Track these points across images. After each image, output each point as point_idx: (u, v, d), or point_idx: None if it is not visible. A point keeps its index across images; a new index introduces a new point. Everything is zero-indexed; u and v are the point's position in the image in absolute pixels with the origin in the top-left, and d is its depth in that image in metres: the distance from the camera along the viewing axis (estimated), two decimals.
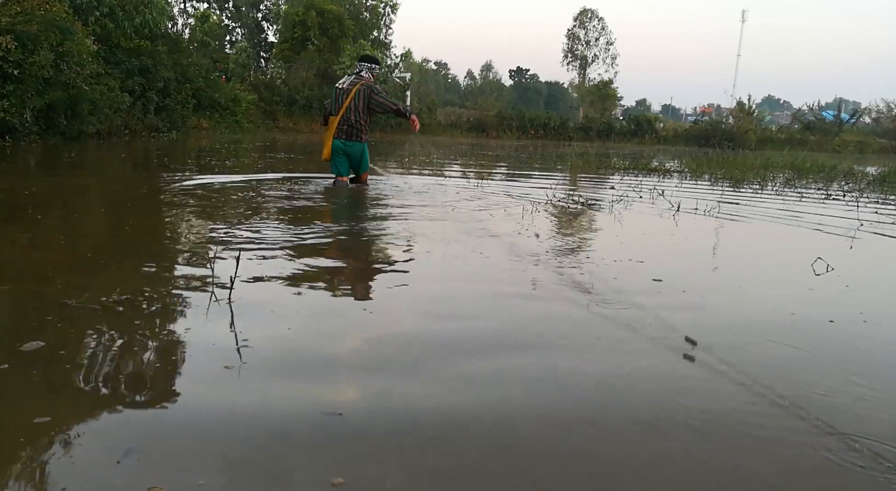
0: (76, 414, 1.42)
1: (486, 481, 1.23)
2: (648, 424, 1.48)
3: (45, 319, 1.99)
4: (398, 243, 3.54)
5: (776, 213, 5.41)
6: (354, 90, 5.85)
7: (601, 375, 1.76)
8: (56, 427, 1.36)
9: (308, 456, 1.29)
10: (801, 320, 2.35)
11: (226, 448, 1.31)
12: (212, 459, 1.27)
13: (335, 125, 5.93)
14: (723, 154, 11.94)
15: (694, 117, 44.71)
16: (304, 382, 1.65)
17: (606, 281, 2.76)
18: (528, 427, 1.45)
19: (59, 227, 3.75)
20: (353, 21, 28.21)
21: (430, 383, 1.66)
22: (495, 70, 63.39)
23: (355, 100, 5.84)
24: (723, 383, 1.72)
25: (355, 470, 1.24)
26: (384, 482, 1.21)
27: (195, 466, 1.24)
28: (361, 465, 1.26)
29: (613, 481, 1.26)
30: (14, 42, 9.22)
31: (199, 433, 1.37)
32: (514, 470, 1.27)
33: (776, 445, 1.41)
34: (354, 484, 1.20)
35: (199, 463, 1.25)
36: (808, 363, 1.93)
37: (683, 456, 1.35)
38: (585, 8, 41.53)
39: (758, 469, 1.31)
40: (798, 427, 1.49)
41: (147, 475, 1.20)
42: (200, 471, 1.22)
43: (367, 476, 1.23)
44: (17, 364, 1.64)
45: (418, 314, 2.29)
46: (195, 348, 1.83)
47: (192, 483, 1.18)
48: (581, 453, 1.35)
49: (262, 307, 2.22)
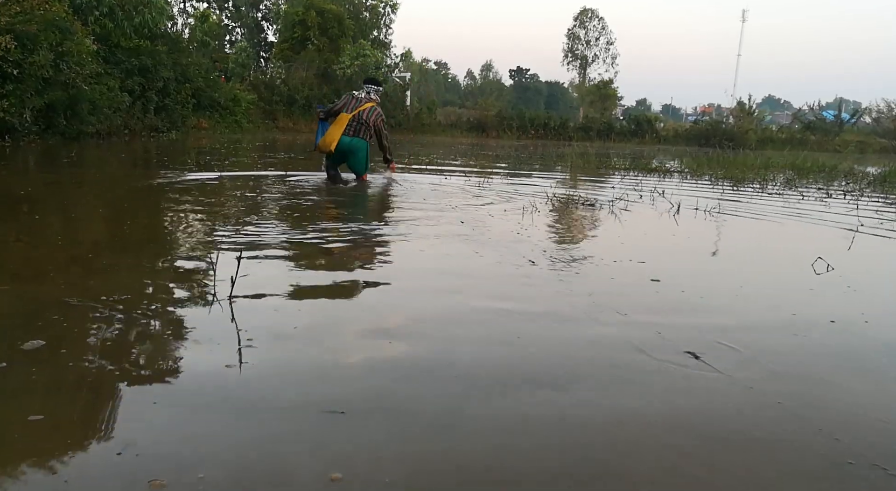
0: (76, 409, 1.42)
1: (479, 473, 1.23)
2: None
3: (45, 318, 1.98)
4: (397, 242, 3.53)
5: (777, 213, 5.40)
6: (371, 105, 6.29)
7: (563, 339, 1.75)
8: (56, 422, 1.36)
9: (308, 452, 1.29)
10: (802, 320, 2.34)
11: (226, 442, 1.31)
12: (212, 453, 1.27)
13: (346, 122, 6.17)
14: (723, 154, 11.92)
15: (694, 117, 44.70)
16: (305, 379, 1.65)
17: (605, 280, 2.75)
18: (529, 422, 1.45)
19: (59, 226, 3.74)
20: (353, 21, 28.19)
21: (429, 382, 1.66)
22: (495, 70, 63.48)
23: (370, 111, 6.26)
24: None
25: (354, 465, 1.24)
26: (382, 477, 1.21)
27: (196, 460, 1.24)
28: (360, 461, 1.26)
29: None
30: (13, 42, 9.21)
31: (200, 427, 1.37)
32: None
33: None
34: (352, 479, 1.20)
35: (199, 457, 1.25)
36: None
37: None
38: (586, 7, 41.57)
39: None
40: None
41: (147, 469, 1.20)
42: (201, 465, 1.23)
43: (365, 471, 1.22)
44: (17, 362, 1.64)
45: (420, 312, 2.28)
46: (195, 345, 1.83)
47: (193, 477, 1.18)
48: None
49: (264, 306, 2.21)
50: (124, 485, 1.16)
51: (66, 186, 5.60)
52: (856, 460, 1.34)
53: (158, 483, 1.16)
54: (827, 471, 1.31)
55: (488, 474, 1.25)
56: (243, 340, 1.85)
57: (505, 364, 1.80)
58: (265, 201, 4.96)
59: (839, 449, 1.38)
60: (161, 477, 1.17)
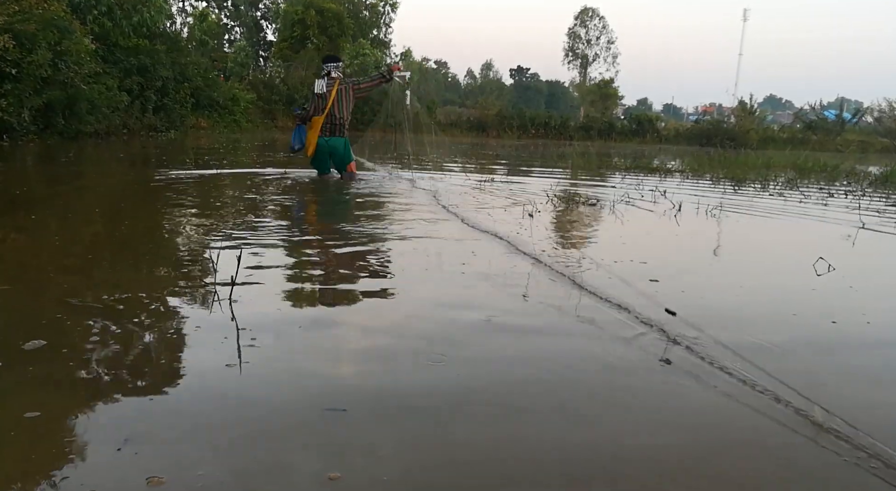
0: (78, 406, 1.41)
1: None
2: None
3: (47, 318, 1.97)
4: (397, 242, 3.51)
5: (777, 213, 5.37)
6: (334, 91, 6.29)
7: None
8: (57, 419, 1.36)
9: (307, 450, 1.28)
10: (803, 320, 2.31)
11: (226, 440, 1.30)
12: (211, 450, 1.27)
13: (319, 125, 6.31)
14: (724, 154, 11.90)
15: (695, 117, 44.64)
16: (306, 378, 1.63)
17: (603, 280, 2.72)
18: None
19: (58, 226, 3.72)
20: (353, 20, 28.18)
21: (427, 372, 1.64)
22: (496, 69, 63.39)
23: (338, 100, 6.29)
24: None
25: (352, 463, 1.22)
26: (381, 476, 1.20)
27: (195, 457, 1.24)
28: (359, 458, 1.24)
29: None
30: (12, 41, 9.17)
31: (199, 425, 1.37)
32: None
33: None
34: (351, 478, 1.18)
35: (198, 454, 1.25)
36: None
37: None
38: (586, 7, 41.61)
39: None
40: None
41: (146, 466, 1.19)
42: (200, 462, 1.22)
43: (365, 470, 1.21)
44: (18, 362, 1.62)
45: (422, 309, 2.27)
46: (196, 344, 1.82)
47: (192, 474, 1.18)
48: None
49: (264, 305, 2.19)
50: (123, 481, 1.15)
51: (65, 185, 5.57)
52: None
53: (157, 480, 1.15)
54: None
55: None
56: (244, 339, 1.84)
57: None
58: (264, 200, 4.93)
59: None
60: (160, 473, 1.17)
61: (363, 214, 4.54)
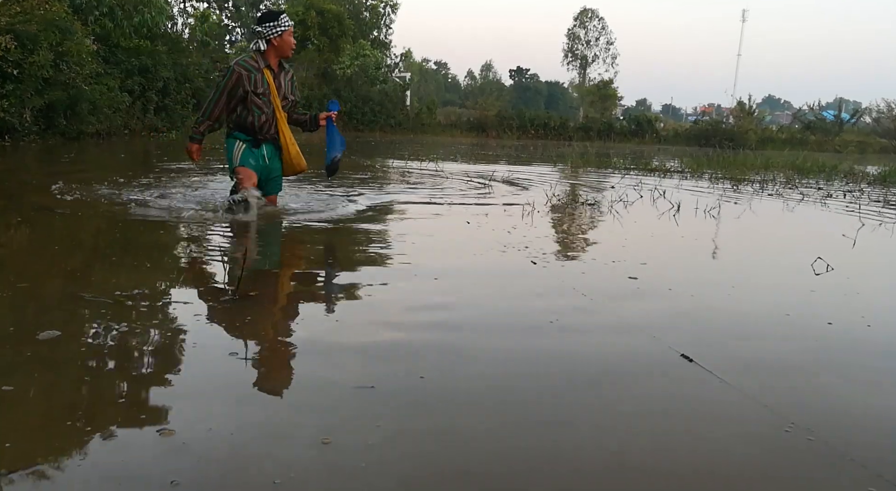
0: (83, 395, 1.43)
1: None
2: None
3: (60, 311, 2.01)
4: (396, 241, 3.54)
5: (777, 212, 5.40)
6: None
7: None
8: (60, 406, 1.37)
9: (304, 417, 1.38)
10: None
11: (235, 403, 1.41)
12: (220, 410, 1.37)
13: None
14: (723, 154, 11.91)
15: (694, 117, 44.71)
16: (313, 359, 1.66)
17: (603, 279, 2.75)
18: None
19: (61, 226, 3.74)
20: (353, 21, 28.18)
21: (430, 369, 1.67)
22: (495, 70, 63.51)
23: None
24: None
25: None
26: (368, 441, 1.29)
27: (204, 411, 1.36)
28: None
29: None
30: (13, 42, 9.19)
31: (210, 386, 1.50)
32: None
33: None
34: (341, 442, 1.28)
35: (208, 410, 1.37)
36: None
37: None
38: (586, 7, 41.62)
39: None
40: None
41: (157, 422, 1.30)
42: (209, 418, 1.34)
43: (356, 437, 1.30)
44: (33, 351, 1.65)
45: (423, 308, 2.30)
46: (200, 337, 1.83)
47: (203, 428, 1.29)
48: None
49: (264, 303, 2.22)
50: (135, 434, 1.25)
51: (66, 184, 5.59)
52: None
53: (168, 431, 1.25)
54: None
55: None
56: (245, 337, 1.86)
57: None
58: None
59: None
60: (170, 426, 1.28)
61: (356, 210, 4.54)
